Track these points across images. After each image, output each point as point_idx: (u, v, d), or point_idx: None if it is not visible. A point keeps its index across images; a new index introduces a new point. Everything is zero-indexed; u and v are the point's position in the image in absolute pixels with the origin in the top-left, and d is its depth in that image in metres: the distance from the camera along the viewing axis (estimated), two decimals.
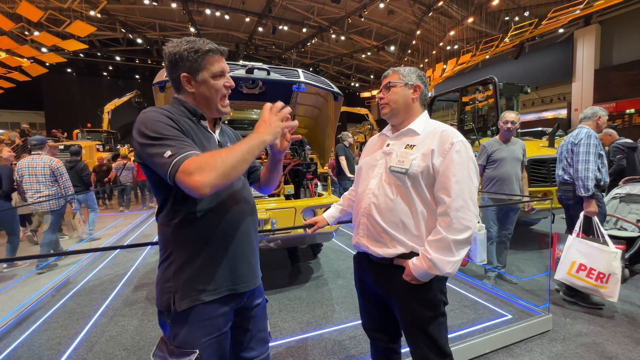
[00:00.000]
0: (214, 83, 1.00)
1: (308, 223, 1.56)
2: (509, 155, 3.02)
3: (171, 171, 0.81)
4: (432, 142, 1.15)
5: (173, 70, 1.00)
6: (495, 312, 2.62)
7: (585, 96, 13.00)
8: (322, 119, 3.79)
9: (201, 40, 0.99)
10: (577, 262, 2.51)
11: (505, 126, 3.03)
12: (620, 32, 12.27)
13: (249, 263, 1.08)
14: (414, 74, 1.27)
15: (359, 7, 13.76)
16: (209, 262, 0.98)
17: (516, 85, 5.40)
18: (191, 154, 0.83)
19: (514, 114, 3.04)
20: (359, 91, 24.10)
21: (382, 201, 1.20)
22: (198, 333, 0.96)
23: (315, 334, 2.39)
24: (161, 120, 0.89)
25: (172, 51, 0.97)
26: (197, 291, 0.96)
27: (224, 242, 1.01)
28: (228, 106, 1.06)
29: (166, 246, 1.00)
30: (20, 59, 10.61)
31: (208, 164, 0.81)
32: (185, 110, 1.01)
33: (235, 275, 1.02)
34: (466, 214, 1.08)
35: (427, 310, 1.18)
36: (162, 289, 0.99)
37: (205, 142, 1.00)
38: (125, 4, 14.19)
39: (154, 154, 0.85)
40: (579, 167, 2.62)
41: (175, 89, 1.04)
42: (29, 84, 12.60)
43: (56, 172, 4.01)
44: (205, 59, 0.98)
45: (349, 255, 4.24)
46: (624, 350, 2.10)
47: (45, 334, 2.49)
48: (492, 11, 13.63)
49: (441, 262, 1.08)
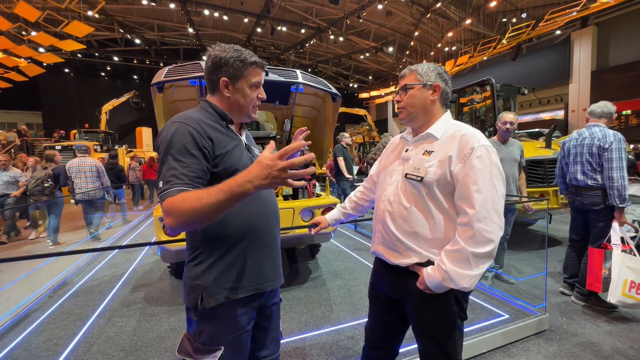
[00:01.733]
0: (249, 93, 1.05)
1: (311, 223, 1.56)
2: (506, 156, 3.00)
3: (160, 201, 0.88)
4: (451, 147, 1.07)
5: (214, 72, 1.03)
6: (492, 312, 2.64)
7: (582, 97, 13.07)
8: (321, 119, 3.81)
9: (247, 51, 1.05)
10: (628, 280, 2.30)
11: (504, 127, 3.02)
12: (617, 34, 12.36)
13: (273, 262, 1.12)
14: (433, 72, 1.17)
15: (358, 8, 13.80)
16: (237, 262, 1.02)
17: (513, 87, 5.42)
18: (172, 192, 0.84)
19: (512, 115, 3.03)
20: (358, 92, 24.14)
21: (396, 209, 1.15)
22: (224, 330, 1.00)
23: (313, 334, 2.39)
24: (180, 141, 0.91)
25: (219, 55, 1.02)
26: (225, 289, 1.00)
27: (251, 242, 1.04)
28: (257, 113, 1.12)
29: (195, 245, 1.03)
30: (17, 59, 10.58)
31: (173, 211, 0.81)
32: (216, 114, 1.04)
33: (261, 274, 1.06)
34: (489, 226, 1.00)
35: (441, 322, 1.12)
36: (191, 286, 1.01)
37: (233, 146, 1.03)
38: (124, 4, 14.16)
39: (161, 171, 0.91)
40: (614, 174, 2.43)
41: (209, 89, 1.08)
42: (26, 84, 12.56)
43: (100, 171, 5.38)
44: (247, 70, 1.03)
45: (347, 256, 4.25)
46: (620, 349, 2.11)
47: (43, 335, 2.48)
48: (489, 13, 13.70)
49: (457, 275, 1.01)
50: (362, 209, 1.55)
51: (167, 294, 3.17)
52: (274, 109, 3.97)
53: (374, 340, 1.36)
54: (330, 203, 2.99)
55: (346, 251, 4.48)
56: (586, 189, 2.69)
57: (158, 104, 2.85)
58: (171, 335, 2.41)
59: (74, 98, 20.50)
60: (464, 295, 1.14)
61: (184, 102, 3.30)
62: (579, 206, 2.78)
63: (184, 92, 3.18)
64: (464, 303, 1.15)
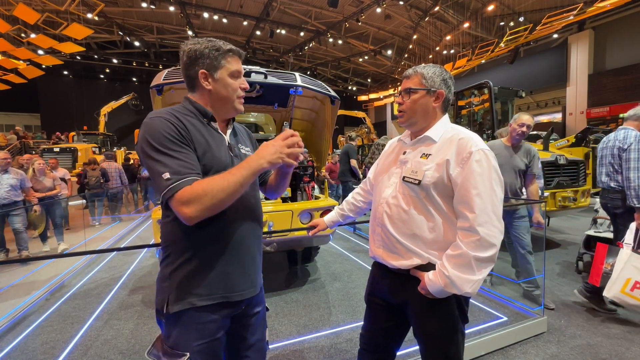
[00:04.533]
0: (231, 82, 1.02)
1: (309, 225, 1.56)
2: (506, 163, 2.73)
3: (165, 195, 0.87)
4: (448, 151, 1.07)
5: (191, 66, 1.00)
6: (491, 314, 2.64)
7: (579, 100, 13.16)
8: (319, 122, 3.82)
9: (221, 40, 1.02)
10: (632, 280, 2.27)
11: (520, 129, 2.68)
12: (613, 37, 12.46)
13: (244, 272, 1.04)
14: (438, 78, 1.14)
15: (356, 11, 13.88)
16: (203, 267, 0.97)
17: (511, 90, 5.46)
18: (186, 182, 0.86)
19: (528, 116, 2.69)
20: (357, 94, 24.23)
21: (395, 212, 1.14)
22: (189, 336, 0.96)
23: (312, 337, 2.38)
24: (165, 131, 0.90)
25: (193, 48, 0.99)
26: (190, 294, 0.96)
27: (219, 248, 0.99)
28: (242, 104, 1.08)
29: (166, 246, 1.01)
30: (16, 61, 10.56)
31: (198, 197, 0.84)
32: (196, 111, 1.01)
33: (229, 282, 1.00)
34: (491, 230, 0.99)
35: (443, 326, 1.11)
36: (160, 288, 1.00)
37: (215, 143, 1.00)
38: (123, 7, 14.21)
39: (154, 171, 0.89)
40: (631, 175, 2.41)
41: (189, 87, 1.05)
42: (24, 86, 12.53)
43: (121, 172, 7.33)
44: (225, 58, 1.00)
45: (345, 258, 4.25)
46: (618, 351, 2.12)
47: (40, 338, 2.46)
48: (487, 16, 13.80)
49: (460, 280, 1.00)
50: (359, 211, 1.55)
51: None
52: (273, 111, 3.98)
53: (371, 344, 1.35)
54: (329, 205, 2.99)
55: (345, 253, 4.47)
56: (609, 192, 2.70)
57: (157, 106, 2.85)
58: None
59: (72, 100, 20.50)
60: (466, 299, 1.13)
61: None
62: (606, 209, 2.81)
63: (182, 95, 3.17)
64: (465, 306, 1.14)
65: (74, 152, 11.00)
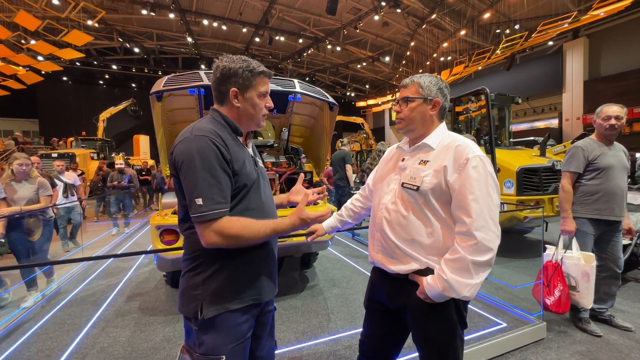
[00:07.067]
0: (258, 102, 1.08)
1: (308, 231, 1.56)
2: (617, 162, 2.26)
3: (198, 218, 0.94)
4: (446, 157, 1.10)
5: (223, 83, 1.05)
6: (490, 321, 2.63)
7: (575, 106, 13.29)
8: (318, 128, 3.84)
9: (255, 61, 1.08)
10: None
11: (607, 123, 2.23)
12: (607, 45, 12.65)
13: (271, 275, 1.14)
14: (434, 87, 1.19)
15: (354, 19, 14.05)
16: (237, 273, 1.03)
17: (507, 96, 5.51)
18: (223, 213, 0.95)
19: (617, 107, 2.23)
20: (355, 100, 24.36)
21: (394, 217, 1.17)
22: (225, 339, 1.00)
23: (310, 344, 2.37)
24: (212, 159, 0.95)
25: (227, 66, 1.03)
26: (225, 299, 1.01)
27: (251, 255, 1.06)
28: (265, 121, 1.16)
29: (195, 255, 1.03)
30: (15, 67, 10.60)
31: (235, 235, 0.95)
32: (227, 126, 1.06)
33: (259, 286, 1.08)
34: (487, 234, 1.01)
35: (442, 331, 1.12)
36: (190, 296, 1.02)
37: (245, 159, 1.06)
38: (123, 13, 14.30)
39: (191, 189, 0.95)
40: None
41: (217, 100, 1.10)
42: (23, 91, 12.55)
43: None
44: (256, 79, 1.06)
45: (344, 264, 4.23)
46: (618, 357, 2.11)
47: (35, 345, 2.44)
48: (483, 24, 13.98)
49: (458, 284, 1.02)
50: (358, 216, 1.56)
51: (162, 304, 3.14)
52: (272, 117, 4.00)
53: (371, 351, 1.34)
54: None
55: (343, 259, 4.46)
56: None
57: (157, 112, 2.86)
58: (166, 346, 2.37)
59: (71, 106, 20.48)
60: (464, 304, 1.15)
61: (183, 110, 3.32)
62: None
63: (182, 101, 3.20)
64: (464, 311, 1.16)
65: (72, 157, 10.98)
